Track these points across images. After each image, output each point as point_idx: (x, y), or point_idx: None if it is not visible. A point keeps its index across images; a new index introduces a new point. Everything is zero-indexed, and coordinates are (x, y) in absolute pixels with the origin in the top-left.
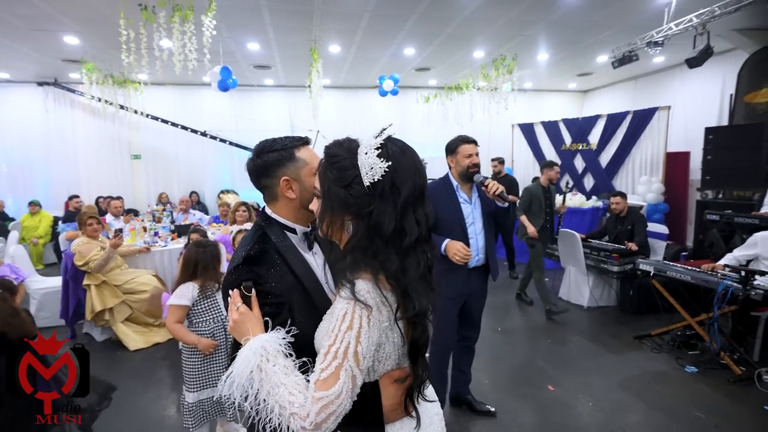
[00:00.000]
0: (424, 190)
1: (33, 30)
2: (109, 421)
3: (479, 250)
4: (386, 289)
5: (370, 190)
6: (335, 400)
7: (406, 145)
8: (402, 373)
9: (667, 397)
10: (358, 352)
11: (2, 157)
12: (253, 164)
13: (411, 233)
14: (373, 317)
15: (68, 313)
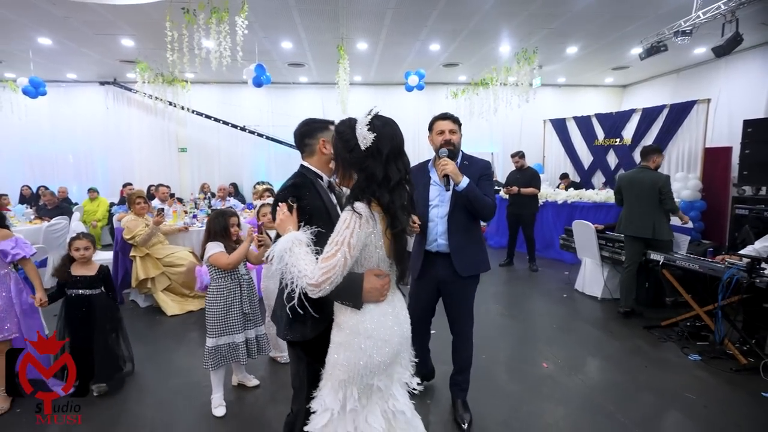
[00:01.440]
0: (402, 149)
1: (97, 34)
2: (148, 370)
3: (438, 236)
4: (375, 211)
5: (365, 153)
6: (332, 269)
7: (387, 119)
8: (380, 272)
9: (662, 380)
10: (351, 243)
11: (69, 149)
12: (302, 129)
13: (394, 177)
14: (362, 223)
15: (117, 280)
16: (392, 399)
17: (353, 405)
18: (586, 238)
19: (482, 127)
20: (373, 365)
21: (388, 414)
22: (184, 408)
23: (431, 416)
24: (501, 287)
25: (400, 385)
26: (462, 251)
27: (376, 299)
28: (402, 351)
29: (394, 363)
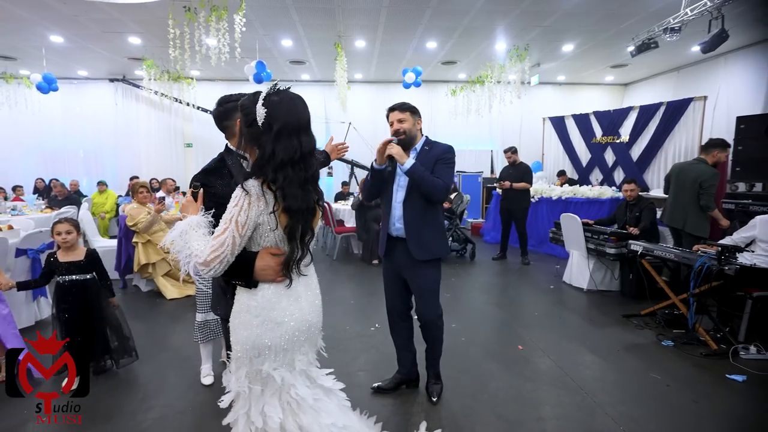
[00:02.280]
0: (299, 127)
1: (105, 32)
2: (149, 347)
3: (396, 220)
4: (268, 190)
5: (260, 128)
6: (220, 248)
7: (286, 95)
8: (276, 251)
9: (630, 362)
10: (239, 221)
11: (80, 144)
12: (217, 111)
13: (280, 155)
14: (252, 201)
15: (120, 265)
16: (293, 388)
17: (242, 387)
18: (574, 231)
19: (481, 125)
20: (261, 346)
21: (291, 404)
22: (175, 377)
23: (403, 393)
24: (490, 278)
25: (300, 375)
26: (417, 235)
27: (271, 278)
28: (300, 338)
29: (293, 350)
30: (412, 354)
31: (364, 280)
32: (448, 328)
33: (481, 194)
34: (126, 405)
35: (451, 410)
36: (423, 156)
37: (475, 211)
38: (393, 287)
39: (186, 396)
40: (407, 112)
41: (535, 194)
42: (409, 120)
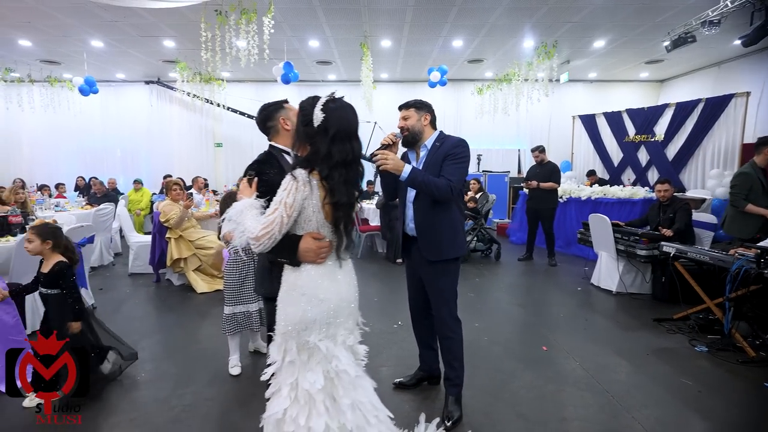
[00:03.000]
0: (351, 134)
1: (141, 36)
2: (180, 338)
3: (409, 220)
4: (315, 178)
5: (316, 129)
6: (270, 225)
7: (342, 104)
8: (318, 235)
9: (660, 366)
10: (287, 203)
11: (117, 144)
12: (261, 115)
13: (336, 156)
14: (299, 186)
15: (154, 260)
16: (335, 360)
17: (292, 357)
18: (603, 232)
19: (508, 124)
20: (308, 320)
21: (331, 374)
22: (204, 366)
23: (424, 389)
24: (515, 279)
25: (344, 348)
26: (427, 235)
27: (312, 260)
28: (342, 314)
29: (335, 325)
30: (434, 351)
31: (388, 279)
32: (471, 326)
33: (508, 194)
34: (160, 392)
35: (472, 407)
36: (433, 153)
37: (501, 212)
38: (413, 285)
39: (214, 385)
40: (411, 109)
41: (563, 194)
42: (413, 116)
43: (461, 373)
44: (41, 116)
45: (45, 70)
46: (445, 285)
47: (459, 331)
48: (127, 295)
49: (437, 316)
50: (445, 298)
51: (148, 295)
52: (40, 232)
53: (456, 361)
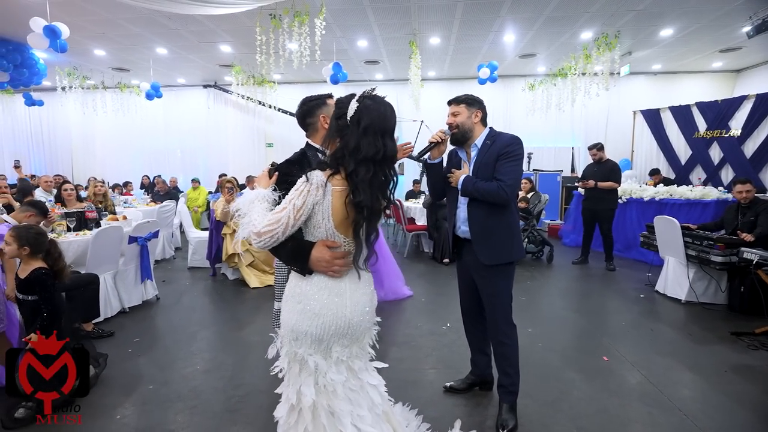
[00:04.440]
0: (384, 130)
1: (201, 42)
2: (235, 330)
3: (461, 222)
4: (333, 184)
5: (348, 122)
6: (275, 224)
7: (379, 100)
8: (333, 244)
9: (740, 385)
10: (296, 205)
11: (178, 145)
12: (301, 110)
13: (365, 150)
14: (312, 190)
15: (211, 254)
16: (328, 374)
17: (283, 365)
18: (670, 235)
19: (562, 120)
20: (299, 331)
21: (327, 388)
22: (258, 359)
23: (476, 394)
24: (570, 284)
25: (336, 364)
26: (483, 238)
27: (323, 270)
28: (338, 333)
29: (330, 341)
30: (487, 356)
31: (435, 279)
32: (524, 332)
33: (560, 194)
34: (218, 381)
35: (528, 417)
36: (484, 152)
37: (553, 212)
38: (465, 288)
39: (267, 378)
40: (462, 105)
41: (623, 194)
42: (463, 112)
43: (516, 380)
44: (112, 120)
45: (116, 77)
46: (501, 289)
47: (514, 337)
48: (186, 287)
49: (491, 320)
50: (500, 303)
51: (205, 288)
52: (19, 236)
53: (511, 368)
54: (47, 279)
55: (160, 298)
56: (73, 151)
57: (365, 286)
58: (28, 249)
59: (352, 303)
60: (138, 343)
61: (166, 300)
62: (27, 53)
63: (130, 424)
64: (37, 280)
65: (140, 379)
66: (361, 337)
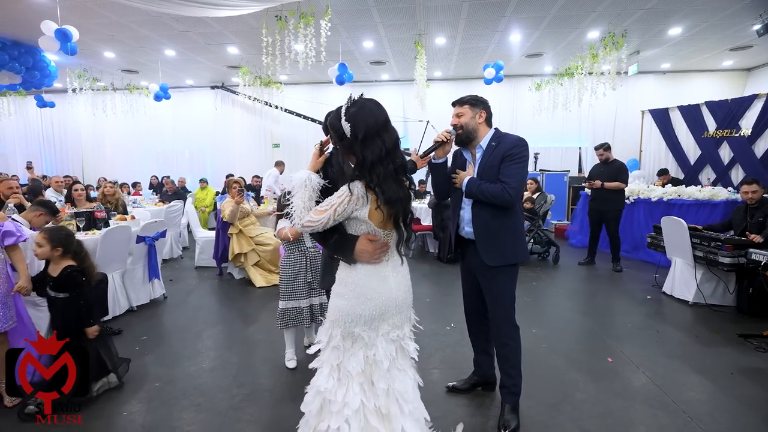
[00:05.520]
0: (379, 128)
1: (208, 44)
2: (240, 329)
3: (465, 223)
4: (371, 195)
5: (351, 139)
6: (316, 222)
7: (363, 102)
8: (374, 237)
9: (748, 388)
10: (337, 210)
11: (186, 145)
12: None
13: (369, 157)
14: (352, 200)
15: (218, 254)
16: (374, 348)
17: (336, 343)
18: (677, 236)
19: (569, 120)
20: (354, 315)
21: (369, 359)
22: (262, 358)
23: (478, 395)
24: (576, 285)
25: (384, 340)
26: (487, 239)
27: (366, 260)
28: (388, 312)
29: (379, 319)
30: (490, 357)
31: (440, 279)
32: (528, 332)
33: (567, 195)
34: (222, 380)
35: (531, 418)
36: (489, 153)
37: (559, 213)
38: (469, 289)
39: (271, 376)
40: (465, 106)
41: (631, 195)
42: (467, 113)
43: (518, 381)
44: (121, 121)
45: (125, 78)
46: (504, 290)
47: (517, 338)
48: (193, 286)
49: (494, 321)
50: (503, 304)
51: (212, 288)
52: (51, 238)
53: (513, 369)
54: (78, 276)
55: (167, 297)
56: (84, 151)
57: (404, 268)
58: (60, 249)
59: (396, 284)
60: (145, 341)
61: (173, 299)
62: (39, 56)
63: (136, 421)
64: (69, 277)
65: (147, 377)
66: (408, 315)
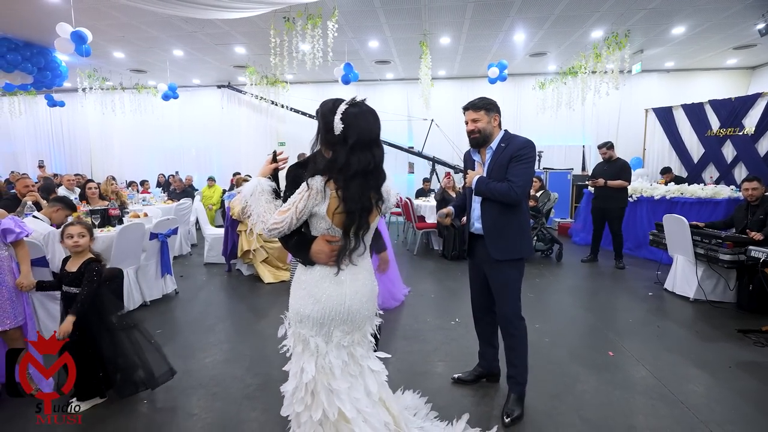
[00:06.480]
0: (371, 141)
1: (216, 44)
2: (251, 323)
3: (475, 219)
4: (330, 188)
5: (336, 137)
6: (281, 223)
7: (364, 110)
8: (331, 238)
9: (745, 380)
10: (298, 207)
11: (192, 144)
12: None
13: (354, 166)
14: (312, 194)
15: (227, 251)
16: (328, 356)
17: (289, 343)
18: (679, 234)
19: (573, 119)
20: (302, 315)
21: (320, 366)
22: (273, 350)
23: (483, 386)
24: (579, 281)
25: (336, 348)
26: (495, 235)
27: (323, 261)
28: (338, 318)
29: (330, 326)
30: (494, 349)
31: (444, 276)
32: (531, 327)
33: (571, 193)
34: (236, 370)
35: (533, 408)
36: (498, 154)
37: (563, 211)
38: (477, 283)
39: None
40: (481, 111)
41: (634, 193)
42: (483, 118)
43: (523, 371)
44: (130, 120)
45: (134, 78)
46: (510, 283)
47: (523, 330)
48: (203, 282)
49: (501, 313)
50: (510, 296)
51: (221, 284)
52: (89, 228)
53: (518, 360)
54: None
55: (178, 293)
56: (92, 150)
57: (365, 277)
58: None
59: (351, 292)
60: (160, 334)
61: (184, 294)
62: (50, 56)
63: (156, 408)
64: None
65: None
66: (361, 325)
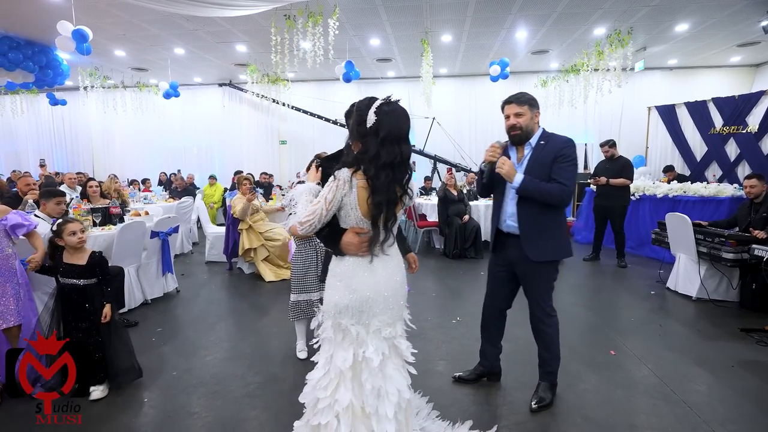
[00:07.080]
0: (400, 137)
1: (217, 42)
2: (252, 321)
3: (507, 217)
4: (358, 178)
5: (368, 130)
6: (312, 215)
7: (395, 109)
8: (359, 230)
9: (748, 380)
10: (327, 199)
11: (194, 142)
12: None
13: (384, 158)
14: (340, 185)
15: (228, 249)
16: (364, 346)
17: (327, 335)
18: (681, 232)
19: (575, 117)
20: (340, 306)
21: (358, 357)
22: (275, 349)
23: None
24: (580, 280)
25: (376, 337)
26: (532, 236)
27: (353, 252)
28: (376, 305)
29: (369, 314)
30: (497, 350)
31: (445, 274)
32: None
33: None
34: (237, 368)
35: None
36: (538, 152)
37: None
38: (497, 282)
39: (284, 366)
40: (525, 106)
41: (636, 191)
42: (527, 114)
43: (552, 362)
44: (131, 118)
45: (135, 76)
46: (546, 283)
47: (552, 324)
48: (204, 280)
49: (534, 313)
50: (544, 294)
51: (222, 282)
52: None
53: (547, 352)
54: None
55: (179, 291)
56: (94, 148)
57: (397, 264)
58: None
59: (385, 278)
60: (161, 332)
61: (185, 292)
62: (51, 55)
63: (156, 407)
64: (99, 261)
65: (164, 366)
66: (398, 313)
